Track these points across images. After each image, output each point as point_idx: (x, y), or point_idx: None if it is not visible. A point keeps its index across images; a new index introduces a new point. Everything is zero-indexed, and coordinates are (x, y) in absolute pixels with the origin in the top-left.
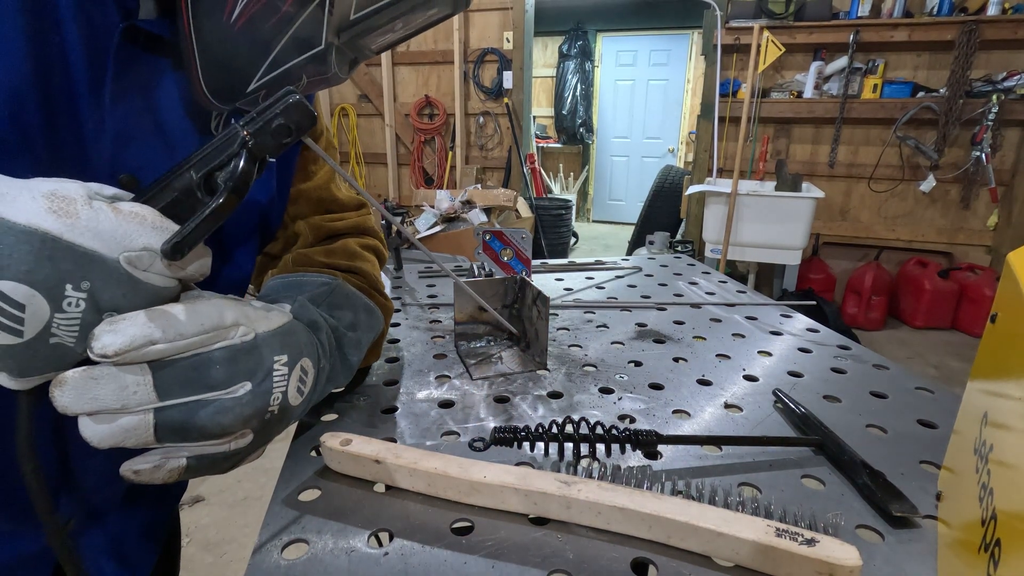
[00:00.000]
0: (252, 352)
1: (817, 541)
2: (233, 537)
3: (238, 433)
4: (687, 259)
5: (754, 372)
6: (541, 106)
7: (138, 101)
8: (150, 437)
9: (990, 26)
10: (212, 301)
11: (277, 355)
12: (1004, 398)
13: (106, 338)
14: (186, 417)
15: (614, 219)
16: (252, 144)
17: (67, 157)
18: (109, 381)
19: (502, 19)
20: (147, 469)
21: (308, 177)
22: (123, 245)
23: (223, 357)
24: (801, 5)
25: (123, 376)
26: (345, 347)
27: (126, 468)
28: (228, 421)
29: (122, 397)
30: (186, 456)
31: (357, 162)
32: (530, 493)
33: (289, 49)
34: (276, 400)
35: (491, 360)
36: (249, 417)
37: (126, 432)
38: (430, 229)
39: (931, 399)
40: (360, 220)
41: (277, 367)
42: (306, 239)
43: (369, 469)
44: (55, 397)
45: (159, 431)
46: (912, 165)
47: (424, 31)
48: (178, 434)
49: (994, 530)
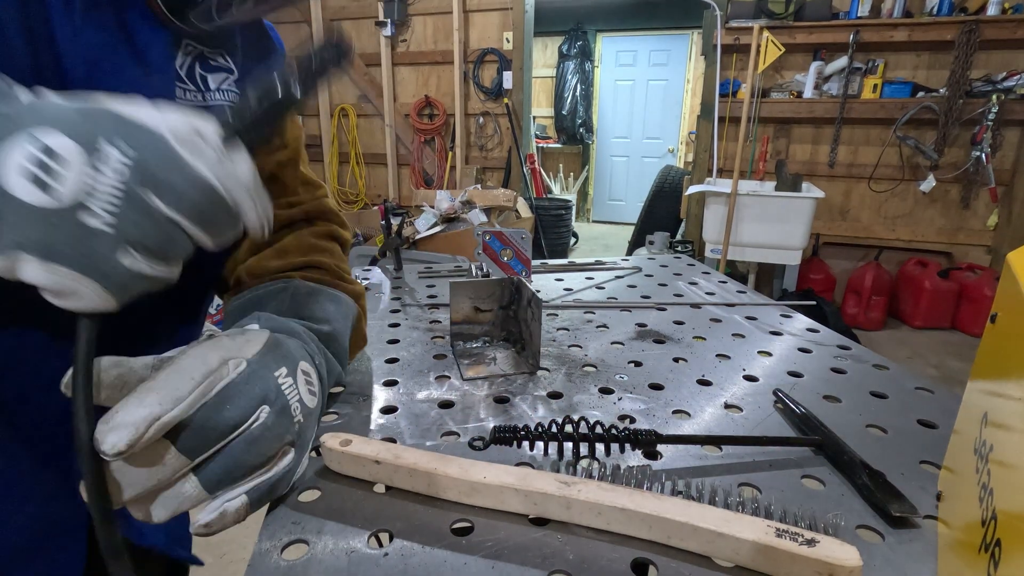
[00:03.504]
0: (252, 379)
1: (817, 541)
2: (233, 537)
3: (279, 453)
4: (687, 259)
5: (754, 372)
6: (541, 106)
7: (110, 20)
8: (204, 495)
9: (990, 26)
10: (189, 354)
11: (275, 370)
12: (1004, 398)
13: (110, 438)
14: (225, 464)
15: (614, 219)
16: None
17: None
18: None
19: (502, 19)
20: (215, 519)
21: (270, 151)
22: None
23: (229, 395)
24: (801, 5)
25: (148, 455)
26: (327, 342)
27: (197, 527)
28: (263, 448)
29: (156, 474)
30: (244, 494)
31: (357, 162)
32: (530, 493)
33: None
34: (296, 409)
35: (485, 361)
36: (281, 435)
37: (179, 501)
38: (430, 229)
39: (931, 399)
40: (315, 205)
41: (281, 380)
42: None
43: (369, 470)
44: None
45: (208, 487)
46: (912, 165)
47: None
48: (227, 481)
49: (994, 530)
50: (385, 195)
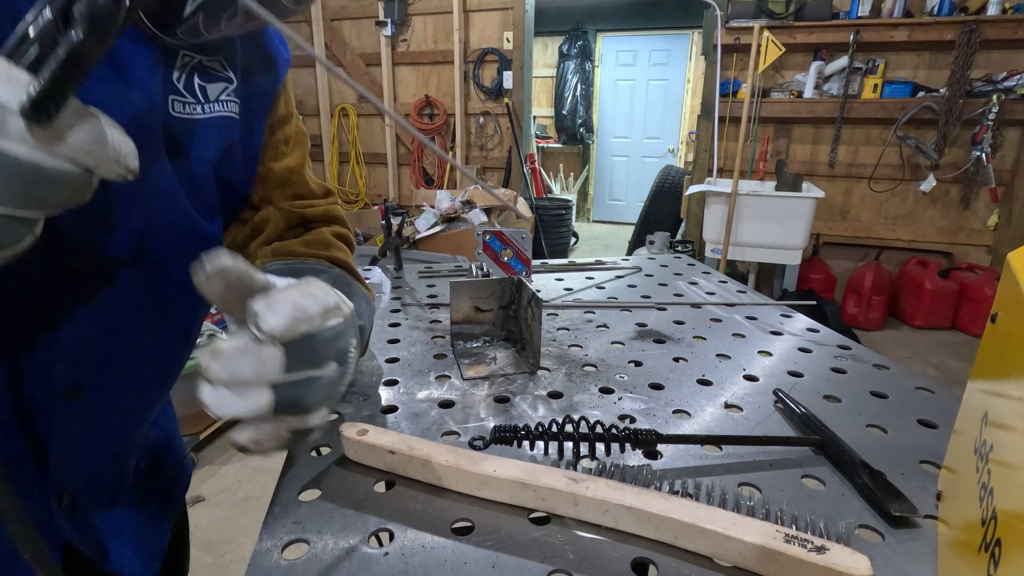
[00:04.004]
0: (343, 334)
1: (827, 549)
2: (233, 537)
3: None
4: (687, 259)
5: (754, 372)
6: (541, 106)
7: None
8: (269, 412)
9: (990, 26)
10: (318, 283)
11: (352, 338)
12: (1004, 398)
13: (270, 318)
14: (299, 393)
15: (614, 219)
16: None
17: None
18: (253, 355)
19: (502, 19)
20: (265, 438)
21: (279, 156)
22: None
23: (328, 337)
24: (801, 5)
25: (263, 350)
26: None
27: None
28: (323, 398)
29: (258, 370)
30: (286, 428)
31: (357, 162)
32: (539, 488)
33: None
34: (347, 379)
35: (485, 361)
36: (336, 395)
37: (248, 408)
38: (430, 229)
39: (931, 399)
40: (329, 208)
41: (351, 349)
42: (276, 225)
43: (383, 459)
44: (210, 368)
45: (277, 406)
46: (912, 165)
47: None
48: (289, 409)
49: (994, 530)
50: (385, 195)
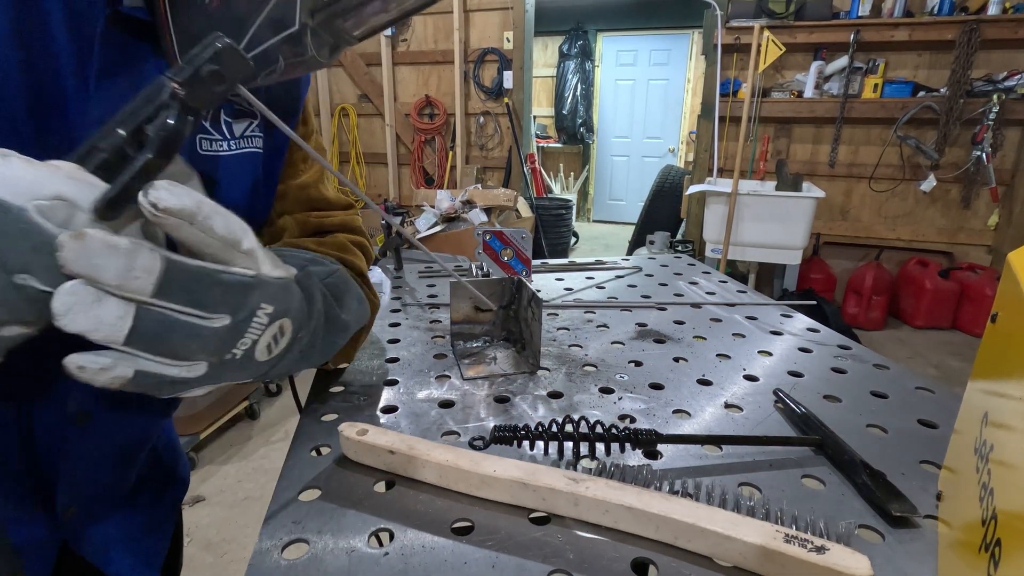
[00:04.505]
0: (247, 289)
1: (827, 549)
2: (233, 537)
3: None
4: (687, 259)
5: (754, 372)
6: (541, 106)
7: (123, 85)
8: (120, 338)
9: (991, 25)
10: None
11: (264, 303)
12: (1005, 398)
13: (163, 193)
14: (162, 328)
15: (614, 219)
16: (182, 94)
17: (52, 143)
18: (122, 255)
19: (502, 19)
20: (94, 368)
21: (297, 174)
22: (32, 191)
23: (224, 281)
24: (801, 5)
25: (136, 255)
26: (333, 328)
27: (71, 361)
28: (196, 346)
29: (124, 277)
30: (135, 369)
31: (357, 162)
32: (539, 488)
33: (264, 29)
34: (244, 345)
35: (485, 361)
36: (214, 351)
37: (99, 323)
38: (430, 229)
39: (931, 399)
40: (347, 219)
41: (259, 315)
42: (292, 233)
43: (383, 459)
44: (63, 244)
45: (132, 334)
46: (912, 165)
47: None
48: (145, 343)
49: (994, 530)
50: (385, 195)
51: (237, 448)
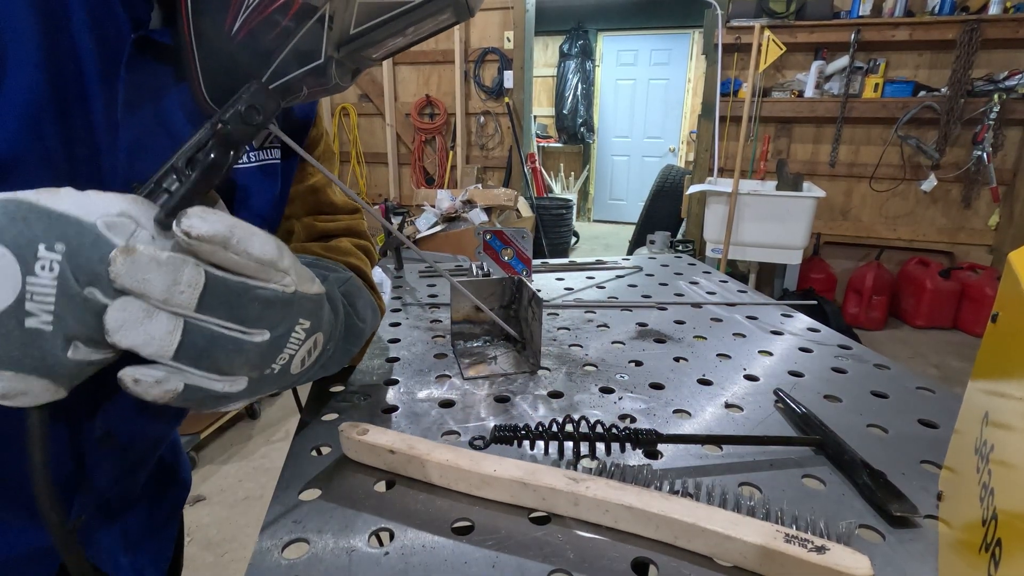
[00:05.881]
0: (286, 305)
1: (827, 549)
2: (234, 536)
3: (237, 377)
4: (688, 259)
5: (755, 372)
6: (542, 106)
7: (149, 111)
8: (169, 352)
9: (992, 25)
10: (275, 239)
11: (303, 319)
12: (1005, 398)
13: (195, 220)
14: (208, 343)
15: (615, 219)
16: (222, 128)
17: (83, 171)
18: (169, 269)
19: (503, 18)
20: (149, 381)
21: (305, 177)
22: (102, 209)
23: (264, 297)
24: (802, 4)
25: (182, 270)
26: (351, 337)
27: (127, 374)
28: (239, 361)
29: (170, 291)
30: (184, 383)
31: (358, 162)
32: (539, 488)
33: (289, 61)
34: (282, 360)
35: (486, 360)
36: (255, 365)
37: (150, 338)
38: (431, 229)
39: (932, 399)
40: (352, 223)
41: (297, 330)
42: (298, 237)
43: (383, 459)
44: (114, 259)
45: (180, 349)
46: (913, 164)
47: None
48: (192, 358)
49: (995, 530)
50: (386, 194)
51: (237, 448)
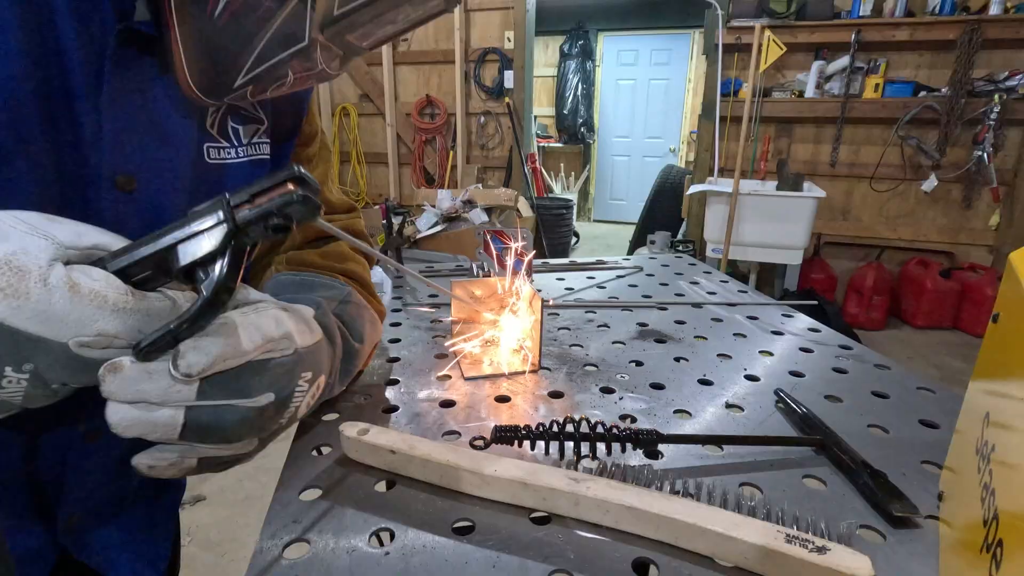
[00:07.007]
0: (289, 369)
1: (828, 549)
2: (234, 536)
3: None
4: (688, 259)
5: (755, 372)
6: (542, 105)
7: (134, 101)
8: (175, 435)
9: (992, 25)
10: (269, 312)
11: (304, 371)
12: (1006, 398)
13: (191, 356)
14: (213, 421)
15: (615, 219)
16: (243, 240)
17: (66, 160)
18: (161, 379)
19: (503, 18)
20: (163, 465)
21: None
22: (75, 330)
23: (263, 369)
24: (803, 4)
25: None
26: (350, 360)
27: (141, 462)
28: (247, 430)
29: (166, 394)
30: (198, 457)
31: (358, 162)
32: (539, 488)
33: (273, 45)
34: (289, 413)
35: (486, 360)
36: (265, 427)
37: (154, 427)
38: (431, 229)
39: (933, 399)
40: (349, 223)
41: (300, 383)
42: (294, 239)
43: (384, 459)
44: (105, 379)
45: (185, 430)
46: (914, 165)
47: (414, 28)
48: (200, 435)
49: (996, 530)
50: (386, 194)
51: None
